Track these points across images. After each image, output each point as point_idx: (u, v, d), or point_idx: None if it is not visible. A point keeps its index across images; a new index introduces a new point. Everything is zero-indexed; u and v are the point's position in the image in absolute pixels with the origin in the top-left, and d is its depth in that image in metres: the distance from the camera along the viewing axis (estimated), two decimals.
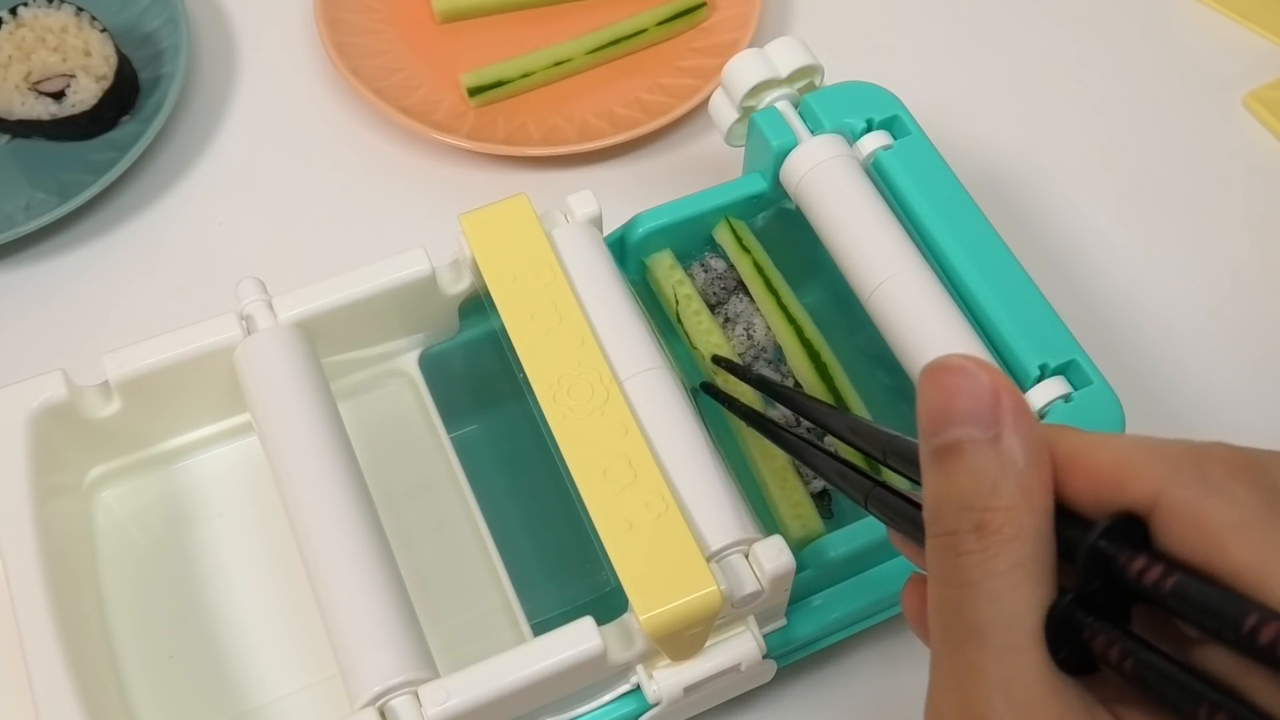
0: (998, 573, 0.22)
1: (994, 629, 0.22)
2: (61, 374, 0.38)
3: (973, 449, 0.22)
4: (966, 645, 0.22)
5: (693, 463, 0.36)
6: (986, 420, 0.22)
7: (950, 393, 0.23)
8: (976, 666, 0.22)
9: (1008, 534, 0.22)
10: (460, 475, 0.41)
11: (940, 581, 0.23)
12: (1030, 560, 0.22)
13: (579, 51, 0.57)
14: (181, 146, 0.56)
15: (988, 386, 0.23)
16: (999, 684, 0.21)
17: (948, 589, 0.22)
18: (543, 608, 0.38)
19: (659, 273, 0.44)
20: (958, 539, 0.22)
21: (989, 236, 0.41)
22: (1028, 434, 0.23)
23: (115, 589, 0.40)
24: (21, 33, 0.53)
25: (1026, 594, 0.22)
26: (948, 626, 0.22)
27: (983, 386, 0.23)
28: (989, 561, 0.22)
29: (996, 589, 0.22)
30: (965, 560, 0.22)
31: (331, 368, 0.40)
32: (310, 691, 0.38)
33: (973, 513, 0.22)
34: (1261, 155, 0.56)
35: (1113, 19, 0.61)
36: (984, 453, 0.22)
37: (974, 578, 0.22)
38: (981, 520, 0.22)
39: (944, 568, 0.23)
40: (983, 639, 0.22)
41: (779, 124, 0.44)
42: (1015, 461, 0.22)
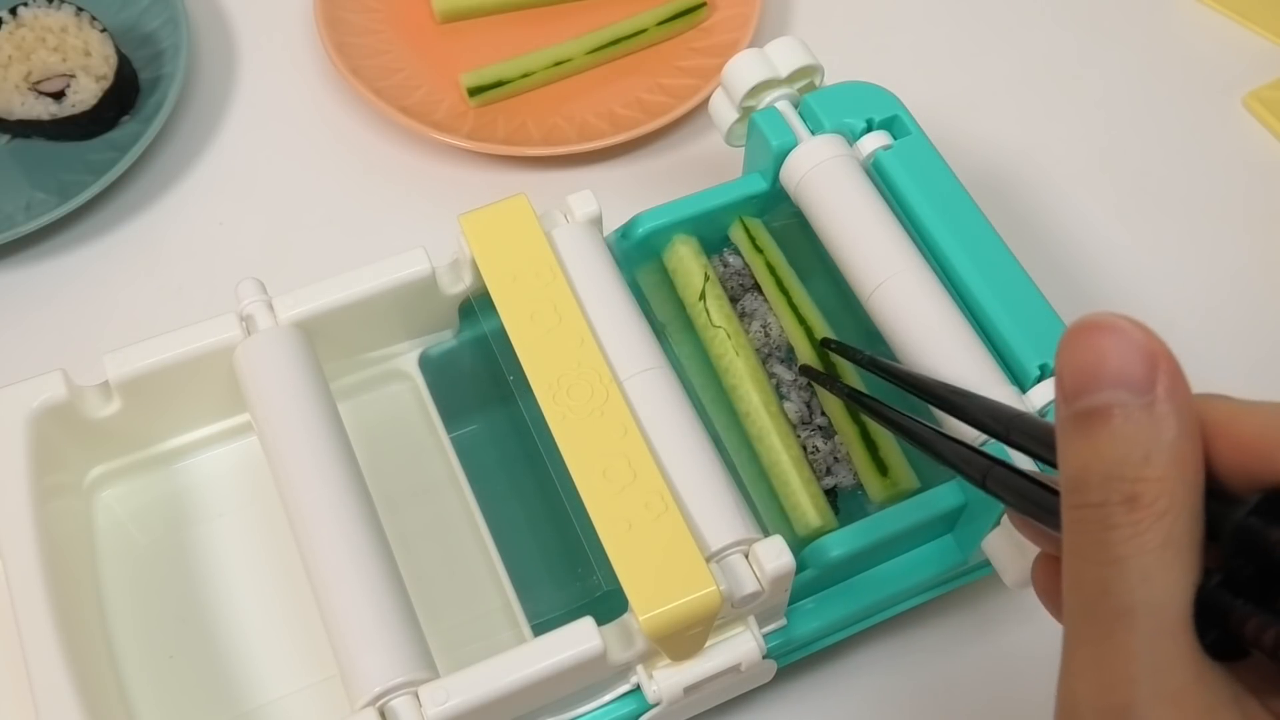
0: (1149, 549, 0.20)
1: (1144, 611, 0.20)
2: (61, 374, 0.38)
3: (1124, 414, 0.21)
4: (1113, 627, 0.20)
5: (693, 463, 0.36)
6: (1141, 383, 0.21)
7: (1100, 352, 0.21)
8: (1122, 650, 0.20)
9: (1160, 508, 0.20)
10: (460, 476, 0.41)
11: (1083, 557, 0.21)
12: (1183, 537, 0.20)
13: (579, 51, 0.57)
14: (181, 146, 0.56)
15: (1143, 346, 0.21)
16: (1147, 670, 0.20)
17: (1092, 566, 0.21)
18: (543, 608, 0.38)
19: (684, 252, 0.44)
20: (1106, 511, 0.21)
21: (989, 236, 0.41)
22: (1183, 401, 0.21)
23: (115, 589, 0.40)
24: (21, 33, 0.53)
25: (1178, 574, 0.20)
26: (1090, 606, 0.21)
27: (1137, 346, 0.21)
28: (1140, 537, 0.20)
29: (1147, 567, 0.20)
30: (1114, 535, 0.20)
31: (331, 368, 0.40)
32: (310, 691, 0.38)
33: (1123, 483, 0.20)
34: (1261, 155, 0.56)
35: (1113, 19, 0.61)
36: (1137, 419, 0.21)
37: (1123, 554, 0.20)
38: (1133, 492, 0.20)
39: (1089, 543, 0.21)
40: (1131, 621, 0.20)
41: (779, 124, 0.44)
42: (1170, 429, 0.20)
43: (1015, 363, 0.39)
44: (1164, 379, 0.21)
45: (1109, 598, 0.20)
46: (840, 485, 0.40)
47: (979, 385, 0.37)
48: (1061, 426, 0.22)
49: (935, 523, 0.38)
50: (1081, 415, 0.21)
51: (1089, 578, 0.21)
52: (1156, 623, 0.20)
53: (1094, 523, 0.21)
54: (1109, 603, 0.20)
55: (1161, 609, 0.20)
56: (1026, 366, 0.38)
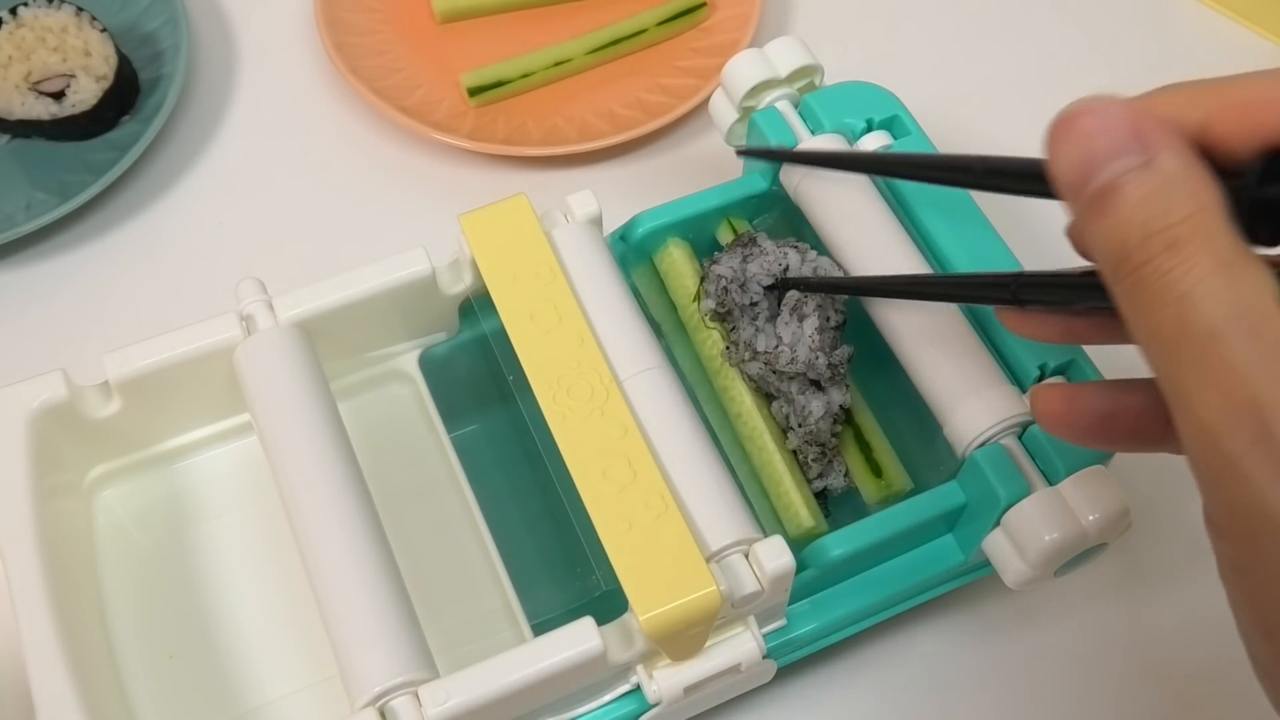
0: (1208, 274, 0.21)
1: (1229, 322, 0.21)
2: (61, 374, 0.38)
3: (1132, 179, 0.22)
4: (1207, 348, 0.21)
5: (693, 463, 0.36)
6: (1134, 146, 0.23)
7: (1086, 136, 0.23)
8: (1227, 362, 0.21)
9: (1199, 241, 0.22)
10: (460, 475, 0.41)
11: (1151, 310, 0.22)
12: (1229, 250, 0.22)
13: (579, 51, 0.57)
14: (181, 146, 0.56)
15: (1119, 114, 0.23)
16: (1257, 366, 0.21)
17: (1163, 310, 0.22)
18: (543, 608, 0.38)
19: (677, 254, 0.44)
20: (1154, 265, 0.22)
21: (989, 236, 0.41)
22: (1176, 142, 0.23)
23: (115, 589, 0.40)
24: (21, 33, 0.53)
25: (1243, 280, 0.21)
26: (1177, 344, 0.22)
27: (1114, 116, 0.23)
28: (1194, 269, 0.22)
29: (1213, 288, 0.21)
30: (1170, 277, 0.22)
31: (331, 368, 0.40)
32: (310, 691, 0.38)
33: (1158, 237, 0.22)
34: None
35: (1113, 19, 0.61)
36: (1146, 178, 0.22)
37: (1186, 287, 0.22)
38: (1170, 239, 0.22)
39: (1151, 297, 0.22)
40: (1221, 336, 0.21)
41: (779, 124, 0.44)
42: (1174, 170, 0.22)
43: (1015, 362, 0.39)
44: (1149, 131, 0.23)
45: (1191, 327, 0.22)
46: (830, 488, 0.40)
47: (979, 385, 0.38)
48: (1083, 220, 0.23)
49: (935, 523, 0.38)
50: (1095, 198, 0.23)
51: (1164, 321, 0.22)
52: (1244, 326, 0.21)
53: (1149, 279, 0.22)
54: (1193, 332, 0.22)
55: (1244, 315, 0.21)
56: (1026, 366, 0.38)
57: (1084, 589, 0.44)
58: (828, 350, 0.39)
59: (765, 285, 0.40)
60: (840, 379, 0.40)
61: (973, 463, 0.37)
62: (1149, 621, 0.44)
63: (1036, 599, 0.44)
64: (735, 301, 0.41)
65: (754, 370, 0.40)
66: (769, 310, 0.41)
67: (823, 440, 0.40)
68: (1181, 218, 0.22)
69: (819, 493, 0.40)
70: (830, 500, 0.41)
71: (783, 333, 0.40)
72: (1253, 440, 0.21)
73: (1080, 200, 0.23)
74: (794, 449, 0.40)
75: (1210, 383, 0.21)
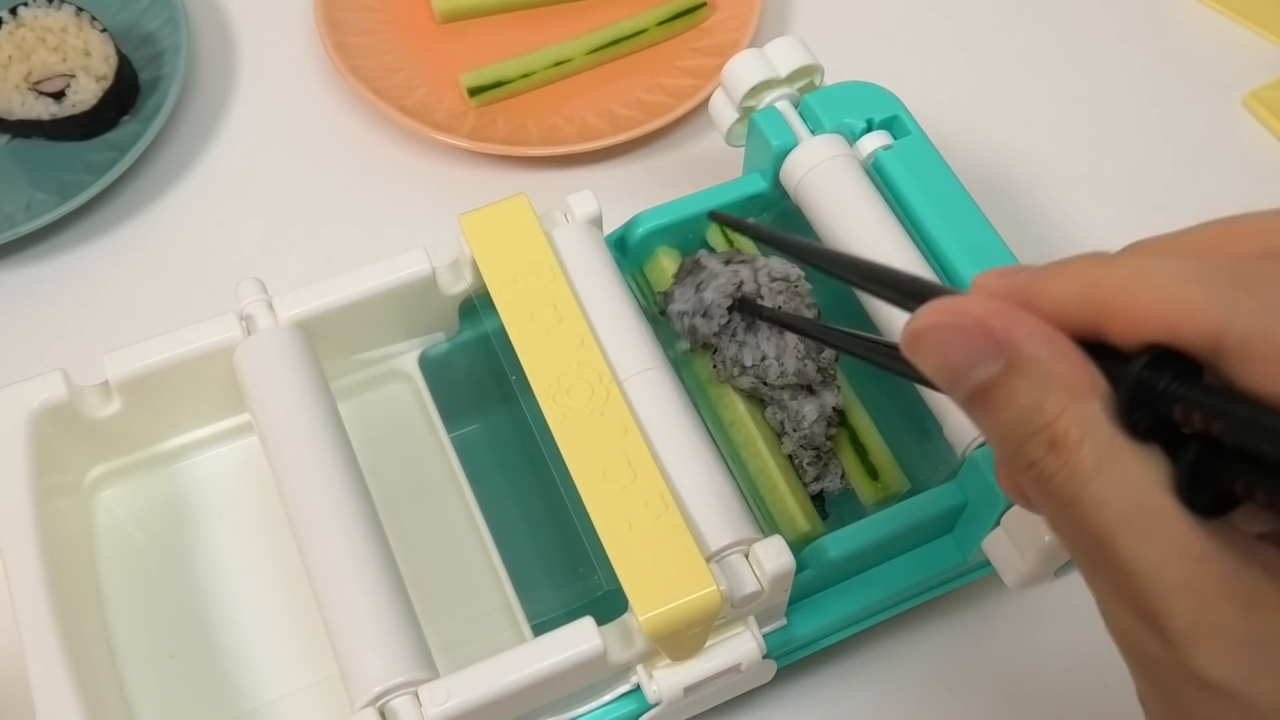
0: (1090, 476, 0.21)
1: (1118, 528, 0.21)
2: (61, 374, 0.38)
3: (998, 385, 0.22)
4: (1104, 555, 0.21)
5: (692, 463, 0.36)
6: (991, 352, 0.22)
7: (937, 349, 0.22)
8: (1124, 568, 0.21)
9: (1076, 435, 0.21)
10: (460, 475, 0.41)
11: (1047, 510, 0.22)
12: (1110, 445, 0.21)
13: (579, 51, 0.57)
14: (181, 146, 0.56)
15: (969, 322, 0.22)
16: (1153, 573, 0.20)
17: (1056, 513, 0.22)
18: (543, 608, 0.38)
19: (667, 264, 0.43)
20: (1038, 468, 0.21)
21: (989, 236, 0.41)
22: (1034, 332, 0.22)
23: (115, 589, 0.40)
24: (21, 33, 0.53)
25: (1129, 477, 0.21)
26: (1077, 545, 0.22)
27: (964, 324, 0.22)
28: (1077, 471, 0.21)
29: (1098, 491, 0.21)
30: (1055, 482, 0.21)
31: (331, 368, 0.40)
32: (310, 691, 0.38)
33: (1036, 437, 0.21)
34: (1261, 155, 0.56)
35: (1113, 19, 0.61)
36: (1010, 381, 0.22)
37: (1072, 494, 0.21)
38: (1049, 438, 0.21)
39: (1043, 497, 0.22)
40: (1114, 542, 0.21)
41: (779, 124, 0.44)
42: (1041, 367, 0.21)
43: None
44: (1001, 333, 0.22)
45: (1085, 533, 0.21)
46: (828, 490, 0.40)
47: None
48: (965, 411, 0.23)
49: (935, 523, 0.38)
50: (969, 400, 0.22)
51: (1061, 524, 0.22)
52: (1135, 531, 0.20)
53: (1037, 481, 0.22)
54: (1087, 537, 0.21)
55: (1133, 518, 0.21)
56: None
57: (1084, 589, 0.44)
58: (814, 355, 0.39)
59: (726, 309, 0.40)
60: (831, 380, 0.40)
61: (972, 462, 0.37)
62: None
63: (1036, 599, 0.44)
64: (704, 332, 0.40)
65: (745, 384, 0.40)
66: (744, 324, 0.40)
67: (818, 444, 0.40)
68: (1056, 414, 0.21)
69: (816, 494, 0.40)
70: (829, 500, 0.41)
71: (766, 348, 0.39)
72: (1162, 647, 0.20)
73: (956, 398, 0.23)
74: (789, 454, 0.40)
75: (1114, 587, 0.21)
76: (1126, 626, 0.21)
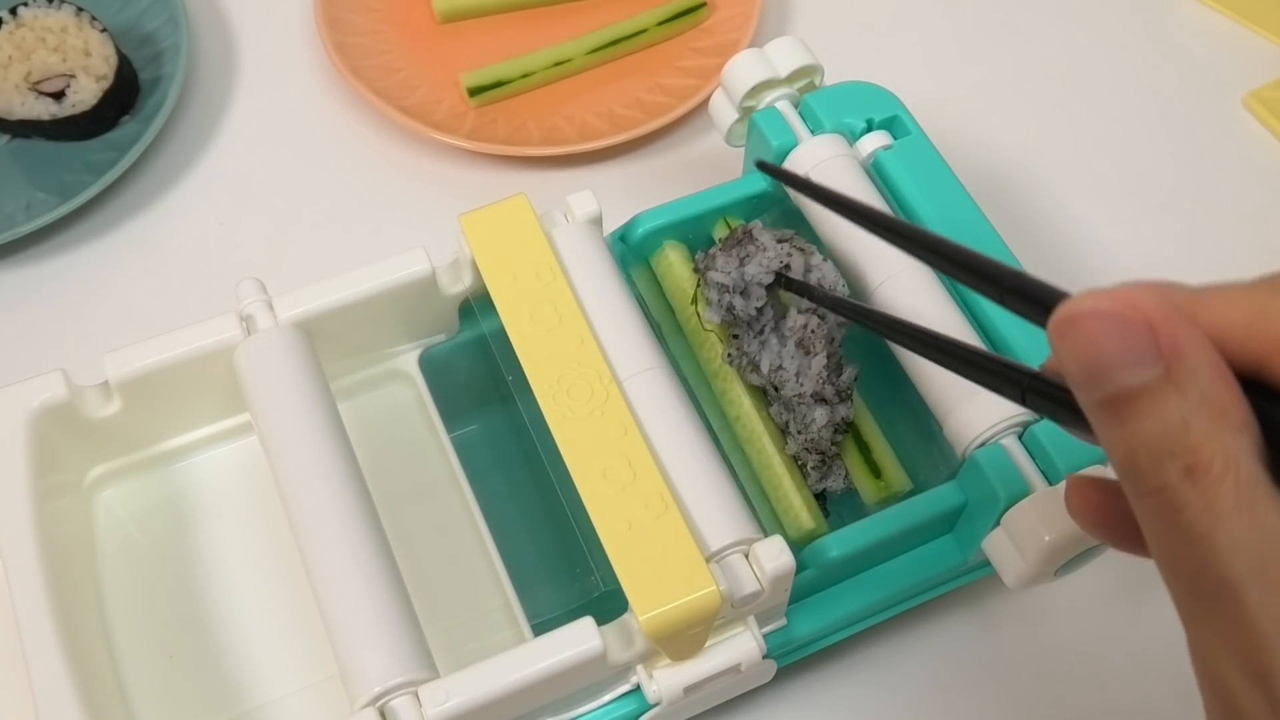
0: (1227, 514, 0.19)
1: (1248, 578, 0.19)
2: (61, 374, 0.38)
3: (1148, 392, 0.20)
4: (1222, 602, 0.19)
5: (693, 463, 0.36)
6: (1148, 354, 0.20)
7: (1094, 340, 0.20)
8: (1241, 622, 0.19)
9: (1219, 468, 0.19)
10: (460, 475, 0.41)
11: (1165, 541, 0.20)
12: (1253, 486, 0.19)
13: (579, 51, 0.57)
14: (181, 146, 0.56)
15: (1132, 317, 0.20)
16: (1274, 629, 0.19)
17: (1178, 546, 0.20)
18: (543, 608, 0.38)
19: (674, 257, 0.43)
20: (1170, 493, 0.20)
21: (989, 236, 0.41)
22: (1196, 346, 0.20)
23: (115, 589, 0.40)
24: (21, 33, 0.53)
25: (1268, 525, 0.19)
26: (1193, 585, 0.20)
27: (1127, 320, 0.20)
28: (1213, 507, 0.19)
29: (1234, 534, 0.19)
30: (1187, 514, 0.19)
31: (331, 368, 0.40)
32: (310, 691, 0.38)
33: (1174, 459, 0.20)
34: (1261, 155, 0.56)
35: (1113, 19, 0.61)
36: (1162, 392, 0.20)
37: (1204, 529, 0.19)
38: (1187, 464, 0.19)
39: (1164, 527, 0.20)
40: (1240, 592, 0.19)
41: (779, 124, 0.44)
42: (1196, 384, 0.20)
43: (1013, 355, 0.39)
44: (1166, 337, 0.20)
45: (1207, 574, 0.20)
46: (830, 490, 0.40)
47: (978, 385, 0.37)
48: (1092, 416, 0.21)
49: (935, 523, 0.38)
50: (1106, 404, 0.20)
51: (1179, 559, 0.20)
52: (1265, 584, 0.19)
53: (1163, 508, 0.20)
54: (1209, 579, 0.20)
55: (1265, 570, 0.19)
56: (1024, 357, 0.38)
57: (1084, 589, 0.44)
58: (834, 379, 0.39)
59: (765, 285, 0.39)
60: (847, 398, 0.40)
61: (972, 463, 0.37)
62: (1149, 621, 0.44)
63: (1036, 599, 0.44)
64: (739, 313, 0.40)
65: (755, 381, 0.40)
66: (773, 317, 0.40)
67: (823, 449, 0.39)
68: (1203, 439, 0.19)
69: (819, 493, 0.40)
70: (830, 500, 0.41)
71: (787, 363, 0.39)
72: (1269, 708, 0.19)
73: (1089, 398, 0.21)
74: (793, 454, 0.40)
75: (1225, 638, 0.20)
76: (1228, 680, 0.20)
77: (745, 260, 0.40)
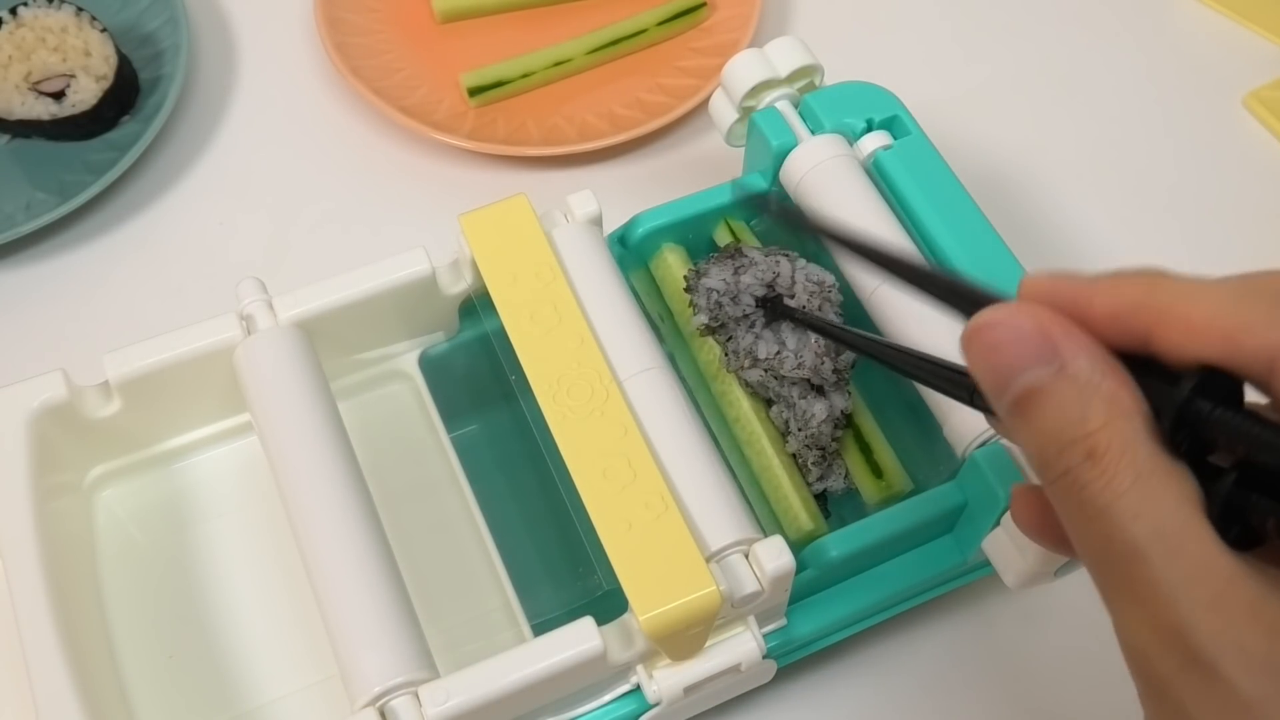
0: (1126, 488, 0.21)
1: (1149, 541, 0.21)
2: (61, 374, 0.38)
3: (1046, 388, 0.22)
4: (1131, 568, 0.21)
5: (693, 463, 0.36)
6: (1044, 354, 0.22)
7: (993, 348, 0.23)
8: (1150, 583, 0.21)
9: (1117, 449, 0.21)
10: (460, 475, 0.41)
11: (1076, 519, 0.22)
12: (1148, 461, 0.21)
13: (579, 51, 0.57)
14: (181, 146, 0.56)
15: (1026, 324, 0.23)
16: (1181, 589, 0.20)
17: (1086, 524, 0.22)
18: (543, 608, 0.38)
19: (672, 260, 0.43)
20: (1073, 475, 0.22)
21: (989, 236, 0.41)
22: (1084, 344, 0.22)
23: (115, 589, 0.40)
24: (21, 33, 0.53)
25: (1164, 494, 0.21)
26: (1103, 558, 0.22)
27: (1021, 327, 0.23)
28: (1113, 482, 0.21)
29: (1132, 504, 0.21)
30: (1090, 490, 0.22)
31: (331, 368, 0.40)
32: (310, 691, 0.38)
33: (1075, 445, 0.22)
34: (1261, 155, 0.56)
35: (1113, 19, 0.61)
36: (1058, 386, 0.22)
37: (1106, 501, 0.21)
38: (1087, 448, 0.22)
39: (1073, 505, 0.22)
40: (1143, 555, 0.21)
41: (779, 124, 0.44)
42: (1090, 379, 0.22)
43: None
44: (1059, 338, 0.22)
45: (1113, 545, 0.21)
46: (831, 489, 0.40)
47: None
48: (1006, 422, 0.23)
49: (935, 523, 0.38)
50: (1014, 404, 0.23)
51: (1089, 535, 0.22)
52: (1166, 546, 0.21)
53: (1071, 488, 0.22)
54: (1115, 549, 0.21)
55: (1165, 532, 0.21)
56: None
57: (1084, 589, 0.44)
58: (833, 355, 0.39)
59: (757, 296, 0.40)
60: (844, 383, 0.40)
61: (973, 463, 0.37)
62: None
63: (1036, 599, 0.44)
64: (729, 315, 0.40)
65: (754, 377, 0.40)
66: (764, 318, 0.40)
67: (823, 444, 0.39)
68: (1099, 425, 0.22)
69: (819, 494, 0.40)
70: (830, 501, 0.41)
71: (787, 339, 0.39)
72: (1180, 666, 0.20)
73: (999, 405, 0.23)
74: (794, 452, 0.40)
75: (1136, 604, 0.21)
76: (1144, 644, 0.21)
77: (740, 270, 0.40)
